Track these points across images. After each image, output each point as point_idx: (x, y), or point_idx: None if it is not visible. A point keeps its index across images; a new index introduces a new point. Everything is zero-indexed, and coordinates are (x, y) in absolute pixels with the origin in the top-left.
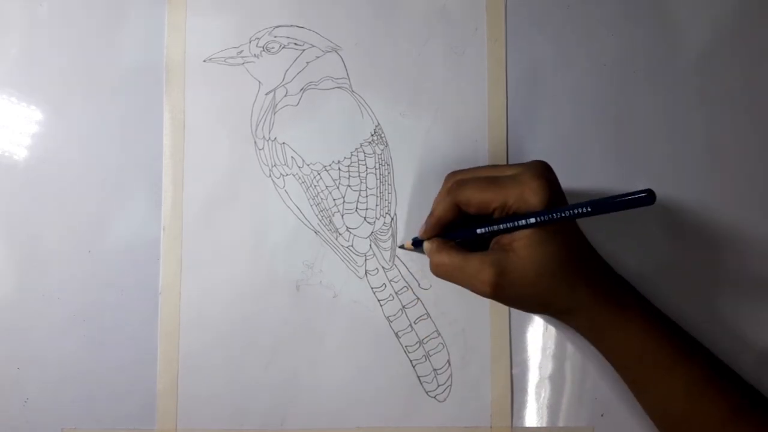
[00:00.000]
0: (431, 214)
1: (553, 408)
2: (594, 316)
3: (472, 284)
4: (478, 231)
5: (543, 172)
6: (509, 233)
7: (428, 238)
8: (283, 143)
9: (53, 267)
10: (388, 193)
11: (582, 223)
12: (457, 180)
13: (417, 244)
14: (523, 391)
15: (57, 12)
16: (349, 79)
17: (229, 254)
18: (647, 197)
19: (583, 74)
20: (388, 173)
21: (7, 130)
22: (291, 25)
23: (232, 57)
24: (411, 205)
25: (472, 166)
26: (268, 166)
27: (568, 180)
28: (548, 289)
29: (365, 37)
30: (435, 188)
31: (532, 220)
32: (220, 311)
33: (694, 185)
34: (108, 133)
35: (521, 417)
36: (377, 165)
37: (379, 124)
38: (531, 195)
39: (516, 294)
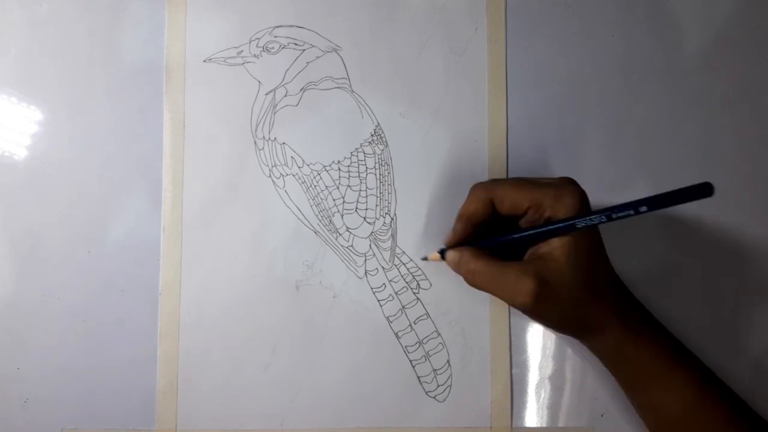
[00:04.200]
0: (461, 215)
1: (553, 408)
2: (617, 336)
3: (511, 294)
4: (516, 236)
5: (575, 183)
6: (545, 244)
7: (455, 246)
8: (283, 143)
9: (53, 267)
10: (388, 193)
11: None
12: (492, 180)
13: (443, 255)
14: (523, 391)
15: (57, 12)
16: (349, 79)
17: (229, 254)
18: (706, 190)
19: (583, 74)
20: (388, 173)
21: (7, 130)
22: (291, 26)
23: (232, 57)
24: (411, 205)
25: (471, 165)
26: (268, 166)
27: None
28: (583, 304)
29: (365, 37)
30: (435, 188)
31: (582, 222)
32: (220, 311)
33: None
34: (108, 133)
35: (521, 417)
36: (377, 165)
37: (379, 124)
38: (568, 197)
39: (554, 307)
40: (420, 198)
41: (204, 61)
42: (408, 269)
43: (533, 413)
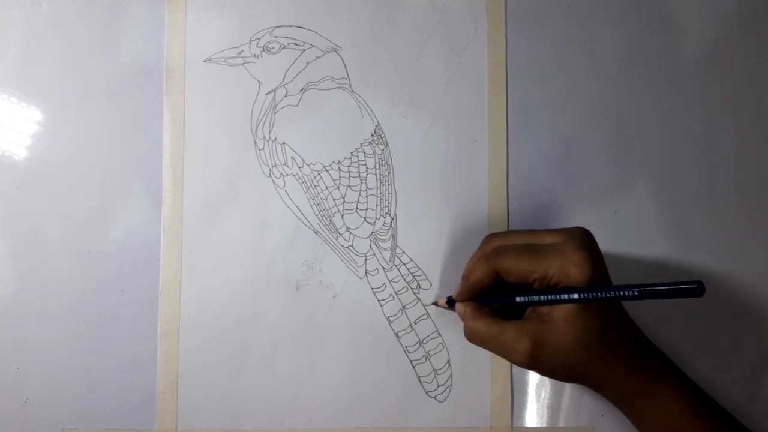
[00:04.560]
0: (466, 278)
1: (553, 408)
2: (627, 388)
3: (508, 354)
4: (518, 299)
5: (585, 242)
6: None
7: (462, 301)
8: (283, 143)
9: (53, 267)
10: (388, 193)
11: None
12: (496, 247)
13: (451, 303)
14: (523, 391)
15: (57, 12)
16: (349, 79)
17: (229, 254)
18: (697, 288)
19: (583, 74)
20: (388, 173)
21: (7, 130)
22: (291, 26)
23: (232, 57)
24: (411, 205)
25: (471, 165)
26: (268, 166)
27: (568, 180)
28: (585, 363)
29: (365, 37)
30: (435, 188)
31: (576, 296)
32: (220, 311)
33: (694, 185)
34: (108, 133)
35: (521, 417)
36: (377, 165)
37: (379, 124)
38: (573, 269)
39: (552, 365)
40: (420, 198)
41: (204, 61)
42: (408, 269)
43: (533, 413)
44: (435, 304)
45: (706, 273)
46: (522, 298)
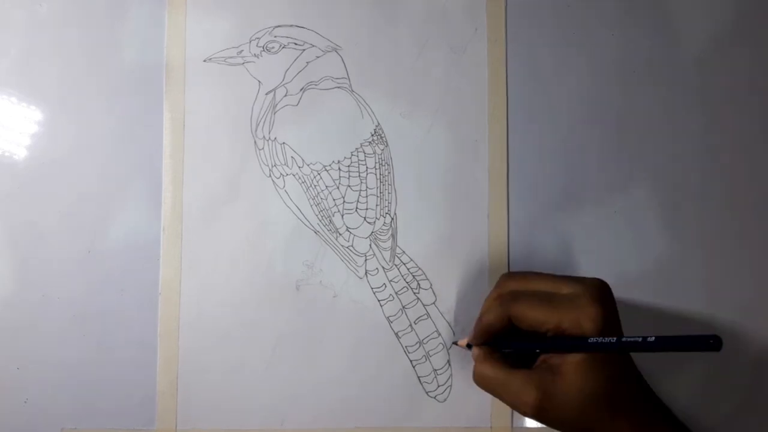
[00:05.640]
0: (480, 320)
1: None
2: None
3: (513, 402)
4: (537, 350)
5: (601, 295)
6: (558, 355)
7: (477, 345)
8: (283, 143)
9: (53, 267)
10: (388, 193)
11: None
12: (512, 291)
13: (470, 346)
14: None
15: (57, 12)
16: (349, 79)
17: (229, 254)
18: (714, 343)
19: (583, 74)
20: (388, 173)
21: (7, 130)
22: (291, 25)
23: (232, 57)
24: (411, 205)
25: (471, 164)
26: (268, 166)
27: (568, 180)
28: (590, 417)
29: (365, 37)
30: (435, 188)
31: (593, 341)
32: (220, 311)
33: (694, 185)
34: (108, 133)
35: (521, 417)
36: (377, 165)
37: (379, 124)
38: (587, 322)
39: (556, 417)
40: (420, 198)
41: (204, 61)
42: (408, 269)
43: None
44: (455, 344)
45: (707, 274)
46: (532, 346)
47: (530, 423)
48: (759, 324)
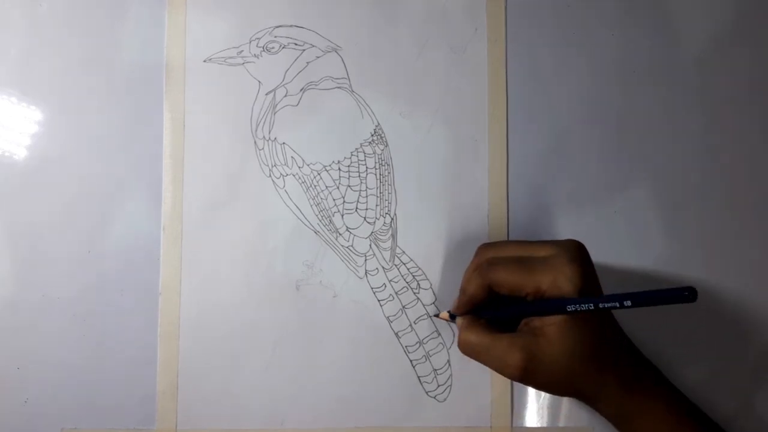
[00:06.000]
0: (462, 292)
1: (553, 408)
2: (619, 402)
3: (499, 366)
4: (509, 310)
5: (577, 256)
6: (539, 318)
7: (461, 314)
8: (283, 143)
9: (53, 267)
10: (388, 193)
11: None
12: (489, 259)
13: (453, 317)
14: (523, 391)
15: (57, 12)
16: (349, 79)
17: (229, 254)
18: (689, 295)
19: (583, 74)
20: (388, 173)
21: (7, 130)
22: (291, 25)
23: (232, 57)
24: (411, 205)
25: (471, 165)
26: (268, 166)
27: (568, 180)
28: (577, 375)
29: (365, 37)
30: (435, 188)
31: (571, 307)
32: (219, 311)
33: (694, 185)
34: (108, 133)
35: (521, 417)
36: (377, 165)
37: (379, 124)
38: (565, 282)
39: (543, 378)
40: (420, 198)
41: (204, 61)
42: (408, 269)
43: (533, 413)
44: (436, 316)
45: (707, 274)
46: (512, 311)
47: (530, 423)
48: (759, 324)
